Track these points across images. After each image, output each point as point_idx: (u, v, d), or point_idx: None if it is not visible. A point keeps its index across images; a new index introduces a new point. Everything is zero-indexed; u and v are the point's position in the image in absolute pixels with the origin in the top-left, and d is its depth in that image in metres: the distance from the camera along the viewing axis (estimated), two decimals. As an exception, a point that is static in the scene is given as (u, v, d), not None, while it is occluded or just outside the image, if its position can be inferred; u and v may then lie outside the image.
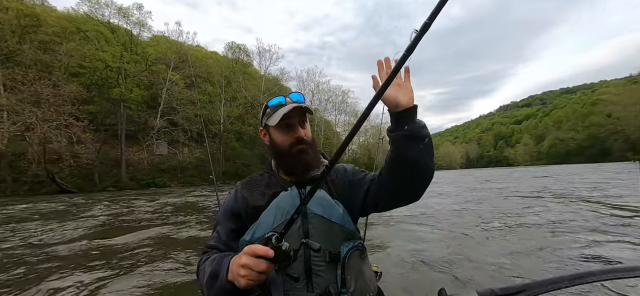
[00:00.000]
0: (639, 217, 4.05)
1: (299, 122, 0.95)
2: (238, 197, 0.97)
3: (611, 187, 8.16)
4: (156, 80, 25.32)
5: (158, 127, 24.56)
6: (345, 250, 0.89)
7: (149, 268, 2.85)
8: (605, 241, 3.00)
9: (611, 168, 19.86)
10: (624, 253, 2.62)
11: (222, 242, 0.94)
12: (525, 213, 4.88)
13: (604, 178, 11.65)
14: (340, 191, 0.99)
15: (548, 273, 2.37)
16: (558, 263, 2.46)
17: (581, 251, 2.69)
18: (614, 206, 5.10)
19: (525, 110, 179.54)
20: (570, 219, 4.16)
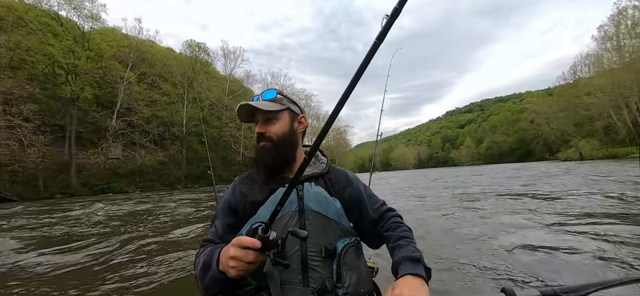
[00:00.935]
0: (546, 202, 5.73)
1: (263, 119, 0.97)
2: (236, 193, 0.98)
3: (529, 181, 10.40)
4: (112, 78, 23.65)
5: (114, 128, 23.00)
6: (341, 245, 0.91)
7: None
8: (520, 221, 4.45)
9: (532, 166, 23.99)
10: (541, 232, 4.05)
11: (219, 236, 0.94)
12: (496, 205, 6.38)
13: (522, 174, 14.41)
14: (338, 191, 1.01)
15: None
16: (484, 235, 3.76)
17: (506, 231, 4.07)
18: (527, 195, 6.90)
19: (467, 116, 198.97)
20: (490, 208, 5.72)
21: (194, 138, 32.37)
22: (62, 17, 21.90)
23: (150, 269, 3.03)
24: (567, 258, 2.52)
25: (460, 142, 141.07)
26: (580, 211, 4.39)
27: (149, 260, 3.36)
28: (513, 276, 2.19)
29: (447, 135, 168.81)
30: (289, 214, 0.89)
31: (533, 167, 24.28)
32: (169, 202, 11.09)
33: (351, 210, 1.00)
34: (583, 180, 9.13)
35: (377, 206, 1.05)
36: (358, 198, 1.03)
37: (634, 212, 4.07)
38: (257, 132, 0.96)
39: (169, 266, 3.11)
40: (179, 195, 15.61)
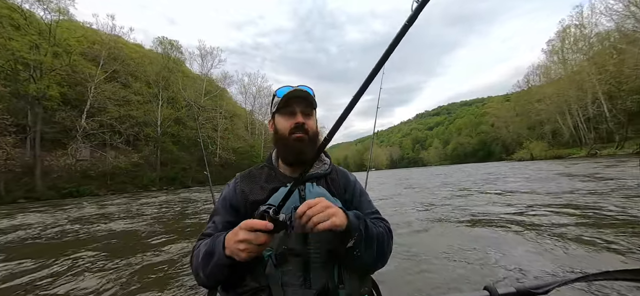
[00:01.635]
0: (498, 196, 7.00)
1: (301, 111, 0.96)
2: (237, 190, 0.96)
3: (486, 178, 11.99)
4: (81, 76, 22.52)
5: (84, 129, 21.96)
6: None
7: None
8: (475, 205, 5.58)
9: (491, 165, 26.61)
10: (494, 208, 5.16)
11: (218, 231, 0.92)
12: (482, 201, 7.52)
13: (484, 172, 16.28)
14: (338, 191, 1.00)
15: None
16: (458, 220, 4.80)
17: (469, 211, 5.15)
18: (482, 191, 8.22)
19: (435, 118, 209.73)
20: (454, 198, 6.89)
21: (169, 139, 31.59)
22: (26, 11, 20.56)
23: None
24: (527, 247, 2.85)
25: (429, 144, 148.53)
26: (527, 203, 5.62)
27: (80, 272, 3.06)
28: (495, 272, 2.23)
29: (417, 136, 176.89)
30: (291, 215, 0.88)
31: (491, 165, 26.92)
32: (136, 205, 10.86)
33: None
34: (530, 176, 10.80)
35: (369, 212, 1.04)
36: (353, 199, 1.03)
37: (563, 202, 5.34)
38: (298, 122, 0.94)
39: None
40: (148, 198, 15.01)
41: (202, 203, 9.87)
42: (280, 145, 0.98)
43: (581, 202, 4.76)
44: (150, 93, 28.70)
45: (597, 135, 34.69)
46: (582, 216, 3.84)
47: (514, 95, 63.84)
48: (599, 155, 26.11)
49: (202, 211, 7.75)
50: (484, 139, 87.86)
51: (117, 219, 6.99)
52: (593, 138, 34.93)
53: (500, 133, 68.56)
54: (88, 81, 22.69)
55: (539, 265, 2.31)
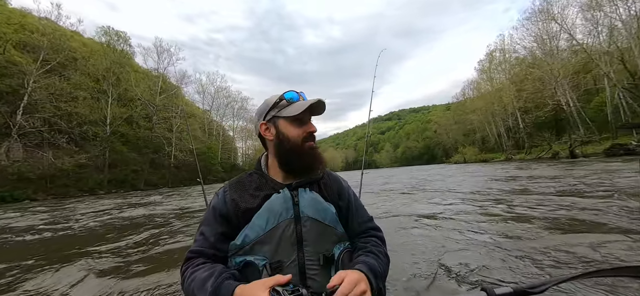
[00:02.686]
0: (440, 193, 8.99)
1: (310, 120, 0.97)
2: (227, 200, 0.93)
3: (427, 177, 14.40)
4: (15, 68, 20.25)
5: (21, 126, 19.81)
6: (337, 252, 0.91)
7: None
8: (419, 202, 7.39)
9: (433, 167, 30.44)
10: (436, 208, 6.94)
11: (208, 245, 0.89)
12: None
13: (426, 173, 19.06)
14: (331, 197, 0.99)
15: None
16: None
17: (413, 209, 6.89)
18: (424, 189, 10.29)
19: (387, 123, 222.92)
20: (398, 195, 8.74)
21: (119, 139, 29.65)
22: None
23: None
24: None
25: (381, 147, 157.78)
26: (441, 198, 7.58)
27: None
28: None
29: (371, 140, 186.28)
30: (285, 222, 0.86)
31: (429, 167, 30.78)
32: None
33: (340, 217, 0.97)
34: (458, 176, 13.41)
35: (363, 220, 1.04)
36: (347, 207, 1.02)
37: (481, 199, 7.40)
38: (312, 131, 0.95)
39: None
40: (91, 202, 13.08)
41: (155, 206, 8.70)
42: (294, 153, 0.94)
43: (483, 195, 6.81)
44: (97, 89, 26.75)
45: (514, 142, 41.59)
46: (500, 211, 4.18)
47: (453, 105, 71.95)
48: (513, 159, 31.75)
49: (161, 216, 6.47)
50: (428, 144, 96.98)
51: (34, 231, 5.35)
52: (511, 145, 41.80)
53: (441, 138, 76.72)
54: (25, 73, 20.56)
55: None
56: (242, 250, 0.88)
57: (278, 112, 0.95)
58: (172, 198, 12.53)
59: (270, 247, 0.85)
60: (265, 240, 0.86)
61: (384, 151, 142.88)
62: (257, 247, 0.86)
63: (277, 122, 0.96)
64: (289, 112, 0.93)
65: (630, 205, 3.43)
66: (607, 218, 2.98)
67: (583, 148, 21.91)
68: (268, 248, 0.85)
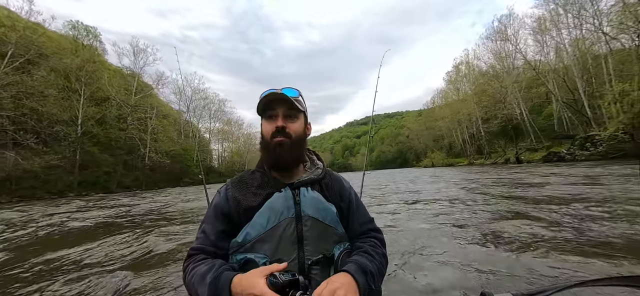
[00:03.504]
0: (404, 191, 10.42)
1: (284, 114, 0.94)
2: (229, 197, 0.95)
3: (395, 179, 16.01)
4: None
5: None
6: (337, 252, 0.92)
7: None
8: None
9: (403, 170, 32.64)
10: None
11: (209, 243, 0.90)
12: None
13: (393, 176, 20.81)
14: (333, 197, 0.99)
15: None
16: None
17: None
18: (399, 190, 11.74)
19: (363, 127, 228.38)
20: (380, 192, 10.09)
21: (90, 139, 28.70)
22: None
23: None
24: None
25: (357, 150, 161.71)
26: (427, 197, 9.00)
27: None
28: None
29: (347, 144, 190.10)
30: (286, 221, 0.87)
31: (405, 170, 32.97)
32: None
33: (341, 218, 0.98)
34: (406, 177, 15.13)
35: (363, 221, 1.04)
36: (348, 207, 1.03)
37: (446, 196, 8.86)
38: (279, 125, 0.92)
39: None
40: (59, 205, 12.01)
41: (128, 210, 8.29)
42: (262, 149, 0.98)
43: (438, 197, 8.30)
44: (69, 87, 25.82)
45: (477, 148, 45.30)
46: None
47: (425, 111, 75.79)
48: (474, 164, 34.88)
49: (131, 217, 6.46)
50: (401, 148, 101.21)
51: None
52: (473, 150, 45.49)
53: (413, 143, 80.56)
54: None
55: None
56: (242, 248, 0.88)
57: (260, 112, 0.98)
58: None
59: (270, 245, 0.85)
60: (266, 238, 0.86)
61: (360, 155, 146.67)
62: (257, 245, 0.86)
63: (262, 122, 0.99)
64: (259, 109, 0.96)
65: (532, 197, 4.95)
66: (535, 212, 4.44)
67: (527, 154, 25.02)
68: (269, 246, 0.85)
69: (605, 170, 9.05)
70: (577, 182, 6.70)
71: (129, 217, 6.70)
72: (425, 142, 69.36)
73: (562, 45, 28.61)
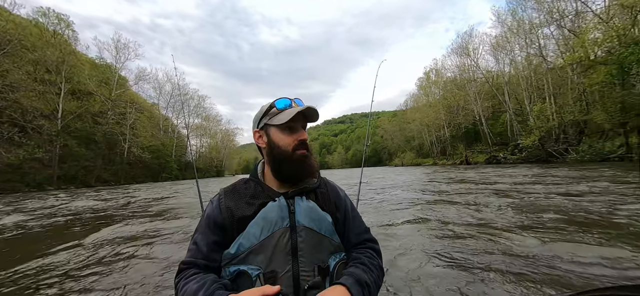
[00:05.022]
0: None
1: (302, 127, 0.97)
2: (222, 208, 0.93)
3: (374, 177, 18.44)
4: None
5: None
6: (333, 262, 0.90)
7: None
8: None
9: (378, 169, 35.52)
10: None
11: (201, 255, 0.89)
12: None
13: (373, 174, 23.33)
14: (328, 206, 0.98)
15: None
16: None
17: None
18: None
19: (340, 126, 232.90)
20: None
21: (69, 134, 28.55)
22: None
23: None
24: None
25: (334, 149, 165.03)
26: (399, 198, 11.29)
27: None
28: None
29: (324, 142, 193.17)
30: (280, 231, 0.86)
31: (379, 169, 35.92)
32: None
33: (336, 228, 0.97)
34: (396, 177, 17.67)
35: (360, 230, 1.04)
36: (344, 217, 1.02)
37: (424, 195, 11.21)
38: (303, 139, 0.94)
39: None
40: (35, 199, 11.92)
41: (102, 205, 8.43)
42: (285, 162, 0.94)
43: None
44: (49, 80, 25.67)
45: (442, 149, 49.59)
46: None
47: (399, 113, 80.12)
48: (437, 164, 38.72)
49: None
50: (376, 147, 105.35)
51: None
52: (438, 151, 49.77)
53: (387, 143, 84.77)
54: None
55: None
56: (235, 259, 0.87)
57: (269, 119, 0.96)
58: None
59: (264, 257, 0.84)
60: (259, 250, 0.85)
61: (336, 153, 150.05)
62: (251, 257, 0.85)
63: (269, 130, 0.96)
64: (279, 119, 0.93)
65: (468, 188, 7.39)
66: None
67: (475, 157, 29.21)
68: (262, 257, 0.84)
69: (515, 170, 11.99)
70: (484, 178, 9.40)
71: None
72: (398, 142, 73.51)
73: (514, 61, 32.88)
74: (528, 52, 29.22)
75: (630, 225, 3.02)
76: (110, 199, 10.51)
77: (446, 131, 45.79)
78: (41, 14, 33.57)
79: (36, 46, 25.58)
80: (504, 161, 22.70)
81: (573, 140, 20.49)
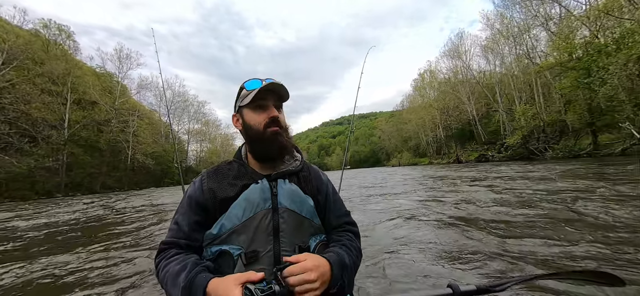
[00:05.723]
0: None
1: (274, 105, 0.96)
2: (204, 189, 0.93)
3: (366, 177, 19.44)
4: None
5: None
6: (313, 243, 0.93)
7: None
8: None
9: (375, 169, 36.57)
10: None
11: (182, 235, 0.89)
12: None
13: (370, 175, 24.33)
14: (310, 189, 1.00)
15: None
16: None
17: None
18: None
19: (338, 127, 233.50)
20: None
21: (75, 142, 29.50)
22: None
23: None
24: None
25: (332, 150, 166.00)
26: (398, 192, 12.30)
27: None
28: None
29: (322, 143, 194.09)
30: (262, 212, 0.88)
31: (375, 170, 36.98)
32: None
33: (317, 210, 0.99)
34: (397, 177, 18.67)
35: (340, 213, 1.06)
36: (325, 200, 1.04)
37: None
38: (273, 116, 0.93)
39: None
40: (48, 205, 12.75)
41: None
42: (257, 141, 0.95)
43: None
44: (56, 92, 26.64)
45: (438, 148, 50.75)
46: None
47: (396, 113, 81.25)
48: (433, 163, 39.83)
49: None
50: (374, 148, 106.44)
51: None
52: (434, 151, 50.93)
53: (384, 144, 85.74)
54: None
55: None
56: (217, 239, 0.88)
57: (241, 102, 0.97)
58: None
59: (246, 237, 0.85)
60: (241, 230, 0.86)
61: (335, 154, 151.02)
62: (233, 237, 0.86)
63: (242, 112, 0.97)
64: (248, 99, 0.93)
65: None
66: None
67: (466, 155, 30.56)
68: (244, 238, 0.85)
69: (493, 166, 13.06)
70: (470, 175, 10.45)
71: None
72: (395, 142, 74.50)
73: (504, 63, 34.10)
74: (517, 53, 30.44)
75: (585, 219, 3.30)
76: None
77: (441, 131, 46.97)
78: (43, 26, 34.57)
79: (43, 59, 26.52)
80: (492, 159, 24.04)
81: (553, 139, 21.81)
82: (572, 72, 17.79)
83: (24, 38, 24.87)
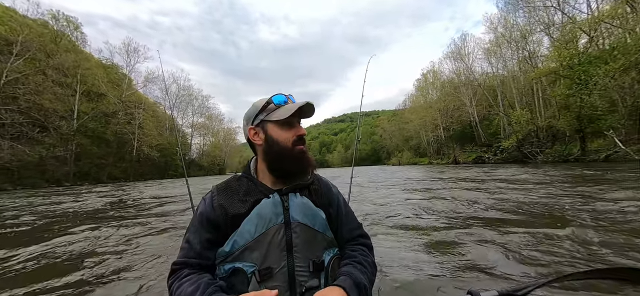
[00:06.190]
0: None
1: (299, 123, 0.98)
2: (215, 206, 0.92)
3: (369, 175, 20.03)
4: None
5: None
6: (327, 258, 0.92)
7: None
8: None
9: (375, 168, 37.13)
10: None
11: (194, 254, 0.89)
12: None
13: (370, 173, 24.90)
14: (322, 202, 0.99)
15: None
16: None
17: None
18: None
19: (340, 125, 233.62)
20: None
21: (83, 133, 30.26)
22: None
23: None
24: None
25: (334, 147, 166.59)
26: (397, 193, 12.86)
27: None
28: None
29: (324, 140, 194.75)
30: (275, 227, 0.87)
31: (376, 167, 37.57)
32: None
33: (329, 223, 0.98)
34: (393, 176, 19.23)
35: (352, 226, 1.05)
36: (337, 213, 1.03)
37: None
38: (301, 134, 0.96)
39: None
40: (60, 194, 13.08)
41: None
42: (281, 157, 0.94)
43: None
44: (65, 83, 27.33)
45: (438, 148, 51.23)
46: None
47: (398, 112, 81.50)
48: (433, 163, 40.38)
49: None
50: (375, 146, 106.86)
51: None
52: (434, 151, 51.43)
53: (385, 142, 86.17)
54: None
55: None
56: (230, 257, 0.87)
57: (266, 116, 0.96)
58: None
59: (259, 253, 0.84)
60: (254, 246, 0.85)
61: (336, 152, 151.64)
62: (246, 253, 0.85)
63: (266, 126, 0.96)
64: (277, 115, 0.93)
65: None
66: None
67: (464, 157, 31.31)
68: (257, 254, 0.84)
69: (488, 168, 13.60)
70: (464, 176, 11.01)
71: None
72: (396, 141, 74.91)
73: (506, 67, 34.47)
74: (519, 57, 30.80)
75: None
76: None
77: (442, 132, 47.44)
78: (51, 17, 35.22)
79: (53, 51, 27.16)
80: (488, 161, 24.74)
81: (545, 143, 22.47)
82: (565, 80, 18.39)
83: (36, 30, 25.49)
